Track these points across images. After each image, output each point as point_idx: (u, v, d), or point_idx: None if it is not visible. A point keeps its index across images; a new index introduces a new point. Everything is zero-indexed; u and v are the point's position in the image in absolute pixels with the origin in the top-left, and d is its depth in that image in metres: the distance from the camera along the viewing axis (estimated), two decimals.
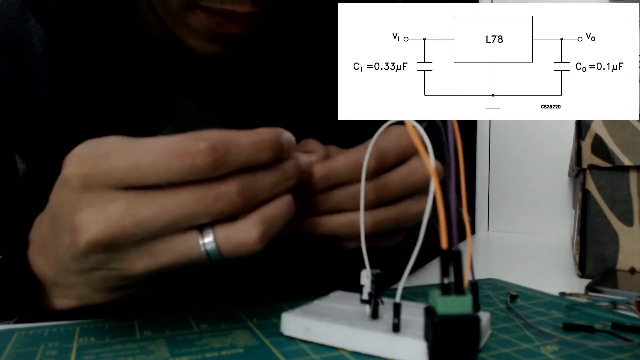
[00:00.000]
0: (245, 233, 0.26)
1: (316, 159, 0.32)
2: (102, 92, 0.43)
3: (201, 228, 0.26)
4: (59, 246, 0.27)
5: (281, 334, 0.29)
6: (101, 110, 0.42)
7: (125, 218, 0.25)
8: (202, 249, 0.26)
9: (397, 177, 0.33)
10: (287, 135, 0.29)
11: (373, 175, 0.32)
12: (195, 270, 0.31)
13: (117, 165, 0.25)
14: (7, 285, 0.31)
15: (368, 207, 0.32)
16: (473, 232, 0.89)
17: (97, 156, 0.26)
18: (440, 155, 0.52)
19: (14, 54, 0.42)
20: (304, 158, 0.31)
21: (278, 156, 0.28)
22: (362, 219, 0.31)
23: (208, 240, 0.26)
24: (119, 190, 0.25)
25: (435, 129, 0.56)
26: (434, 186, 0.23)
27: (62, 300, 0.31)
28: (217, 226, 0.26)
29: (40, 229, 0.30)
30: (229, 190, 0.25)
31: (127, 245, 0.26)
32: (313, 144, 0.35)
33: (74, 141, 0.27)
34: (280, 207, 0.28)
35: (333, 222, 0.33)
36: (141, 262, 0.26)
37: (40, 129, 0.41)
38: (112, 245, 0.25)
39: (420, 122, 0.28)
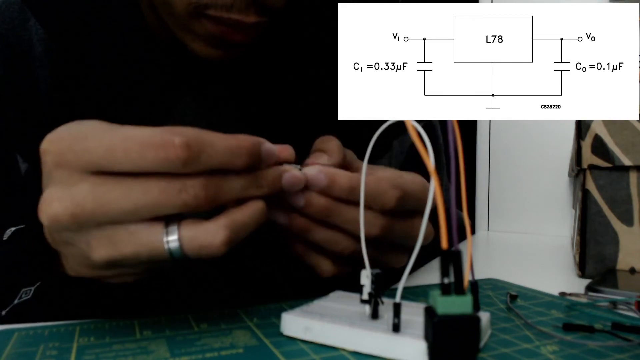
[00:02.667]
0: (210, 235, 0.26)
1: (322, 171, 0.32)
2: (102, 91, 0.43)
3: (167, 224, 0.26)
4: None
5: (281, 334, 0.29)
6: (101, 109, 0.42)
7: (87, 198, 0.25)
8: (166, 245, 0.26)
9: (406, 227, 0.34)
10: (268, 147, 0.29)
11: (387, 212, 0.32)
12: (162, 271, 0.31)
13: (91, 147, 0.25)
14: (27, 252, 0.34)
15: (369, 242, 0.32)
16: (473, 232, 0.89)
17: (74, 137, 0.26)
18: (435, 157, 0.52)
19: (14, 53, 0.42)
20: (294, 172, 0.31)
21: (253, 164, 0.28)
22: (362, 219, 0.31)
23: (172, 238, 0.26)
24: (88, 173, 0.26)
25: (431, 129, 0.56)
26: (434, 187, 0.23)
27: (68, 269, 0.31)
28: (183, 224, 0.26)
29: None
30: (194, 184, 0.26)
31: (88, 226, 0.26)
32: (332, 144, 0.35)
33: None
34: (249, 212, 0.28)
35: (321, 261, 0.34)
36: (102, 248, 0.26)
37: (41, 128, 0.41)
38: (73, 224, 0.26)
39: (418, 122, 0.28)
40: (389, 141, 0.53)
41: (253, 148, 0.27)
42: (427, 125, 0.55)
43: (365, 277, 0.29)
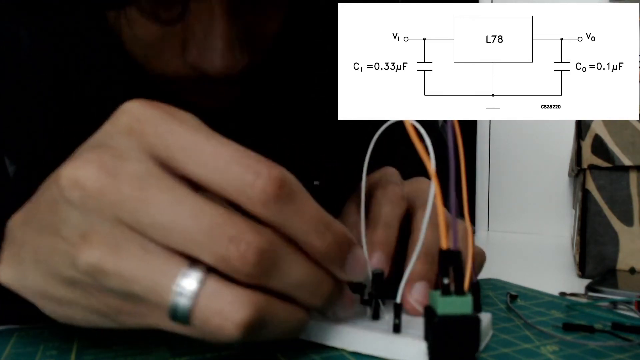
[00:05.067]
0: (229, 303, 0.20)
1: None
2: (93, 90, 0.42)
3: (191, 266, 0.21)
4: None
5: None
6: (92, 108, 0.41)
7: (130, 182, 0.21)
8: (173, 292, 0.20)
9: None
10: (358, 254, 0.24)
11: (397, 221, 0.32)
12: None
13: (176, 132, 0.22)
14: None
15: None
16: (473, 232, 0.89)
17: (166, 115, 0.22)
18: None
19: (1, 50, 0.40)
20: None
21: (329, 255, 0.23)
22: (362, 217, 0.31)
23: (187, 286, 0.20)
24: (150, 156, 0.21)
25: (435, 131, 0.56)
26: (434, 188, 0.23)
27: (17, 278, 0.27)
28: (209, 277, 0.21)
29: None
30: (252, 240, 0.20)
31: (104, 213, 0.21)
32: (391, 175, 0.35)
33: (64, 141, 0.26)
34: (287, 314, 0.23)
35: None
36: (96, 248, 0.21)
37: (29, 129, 0.40)
38: (92, 200, 0.21)
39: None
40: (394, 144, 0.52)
41: (344, 238, 0.23)
42: (430, 126, 0.54)
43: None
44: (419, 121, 0.25)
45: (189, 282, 0.20)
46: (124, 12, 0.33)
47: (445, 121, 0.25)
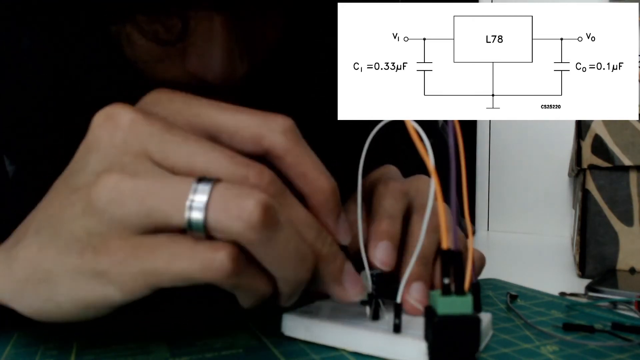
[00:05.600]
0: (245, 194, 0.21)
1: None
2: (93, 91, 0.41)
3: (199, 181, 0.22)
4: None
5: (281, 334, 0.29)
6: (92, 108, 0.41)
7: (156, 120, 0.23)
8: (187, 206, 0.21)
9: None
10: (344, 225, 0.27)
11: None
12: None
13: (205, 104, 0.25)
14: None
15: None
16: (473, 232, 0.89)
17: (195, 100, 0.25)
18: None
19: (0, 49, 0.40)
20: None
21: (330, 218, 0.26)
22: (359, 215, 0.31)
23: (200, 197, 0.21)
24: (177, 128, 0.24)
25: (436, 132, 0.56)
26: (434, 187, 0.23)
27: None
28: (219, 184, 0.22)
29: None
30: (268, 171, 0.23)
31: (127, 149, 0.23)
32: (392, 172, 0.35)
33: (64, 141, 0.27)
34: (292, 235, 0.23)
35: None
36: (111, 180, 0.22)
37: (29, 129, 0.40)
38: (123, 135, 0.23)
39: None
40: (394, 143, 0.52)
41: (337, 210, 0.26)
42: (430, 126, 0.54)
43: (365, 278, 0.29)
44: (419, 122, 0.25)
45: (203, 185, 0.21)
46: (123, 28, 0.33)
47: (445, 121, 0.25)
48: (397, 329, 0.26)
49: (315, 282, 0.26)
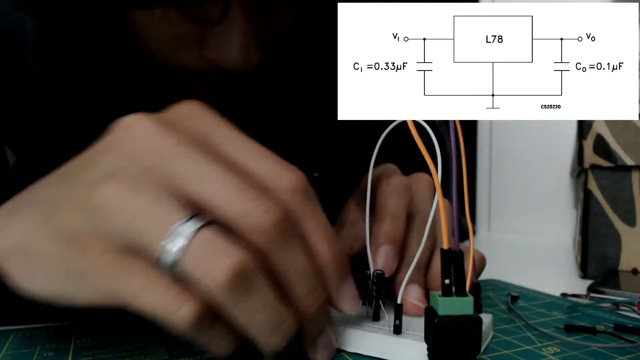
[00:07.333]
0: (224, 249, 0.20)
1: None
2: (96, 84, 0.42)
3: (193, 217, 0.21)
4: None
5: None
6: (94, 102, 0.41)
7: (171, 136, 0.22)
8: (162, 243, 0.20)
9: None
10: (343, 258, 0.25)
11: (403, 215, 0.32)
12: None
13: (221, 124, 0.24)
14: None
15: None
16: (474, 232, 0.89)
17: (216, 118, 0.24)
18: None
19: (5, 42, 0.40)
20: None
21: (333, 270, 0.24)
22: (367, 215, 0.31)
23: (189, 225, 0.20)
24: (192, 144, 0.23)
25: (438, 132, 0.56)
26: (437, 200, 0.23)
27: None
28: (209, 226, 0.21)
29: None
30: (275, 207, 0.21)
31: (151, 147, 0.23)
32: (392, 169, 0.35)
33: (66, 134, 0.27)
34: (270, 299, 0.22)
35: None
36: (116, 184, 0.22)
37: (31, 121, 0.40)
38: (142, 140, 0.23)
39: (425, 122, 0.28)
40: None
41: (340, 256, 0.24)
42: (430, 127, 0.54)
43: (366, 279, 0.29)
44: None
45: (189, 225, 0.21)
46: (150, 11, 0.33)
47: (446, 121, 0.25)
48: (397, 330, 0.26)
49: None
